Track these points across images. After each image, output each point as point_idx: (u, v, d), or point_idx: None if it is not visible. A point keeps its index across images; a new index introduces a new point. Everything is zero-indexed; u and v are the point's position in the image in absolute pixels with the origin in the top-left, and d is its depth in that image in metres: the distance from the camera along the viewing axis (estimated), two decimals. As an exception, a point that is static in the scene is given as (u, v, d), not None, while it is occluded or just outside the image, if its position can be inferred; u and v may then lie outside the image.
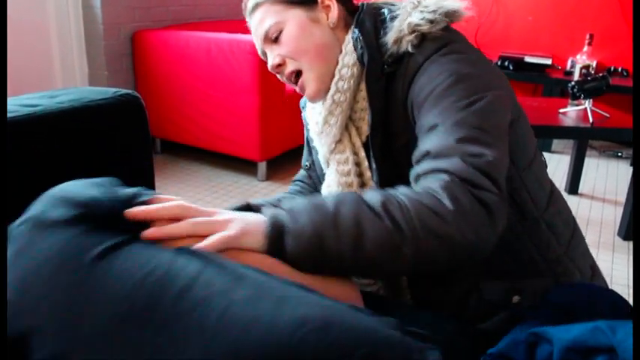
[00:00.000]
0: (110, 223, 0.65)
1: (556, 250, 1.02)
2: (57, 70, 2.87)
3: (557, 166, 3.31)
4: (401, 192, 0.76)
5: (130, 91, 1.29)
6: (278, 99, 2.85)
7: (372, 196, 0.74)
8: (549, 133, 2.33)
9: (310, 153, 1.19)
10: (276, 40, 0.99)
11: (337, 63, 0.99)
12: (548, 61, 3.65)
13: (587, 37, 2.76)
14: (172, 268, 0.60)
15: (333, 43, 0.99)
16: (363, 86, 0.98)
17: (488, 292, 0.95)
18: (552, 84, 3.55)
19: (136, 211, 0.67)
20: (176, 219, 0.69)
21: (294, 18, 0.98)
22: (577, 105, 2.40)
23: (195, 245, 0.66)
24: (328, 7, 1.00)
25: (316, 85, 0.99)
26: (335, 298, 0.64)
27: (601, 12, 3.65)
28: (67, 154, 1.12)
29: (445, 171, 0.76)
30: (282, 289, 0.62)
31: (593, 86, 2.25)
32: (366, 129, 0.99)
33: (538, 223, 0.98)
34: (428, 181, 0.77)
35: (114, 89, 1.28)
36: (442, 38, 0.91)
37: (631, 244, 2.39)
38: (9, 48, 2.61)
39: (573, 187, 2.93)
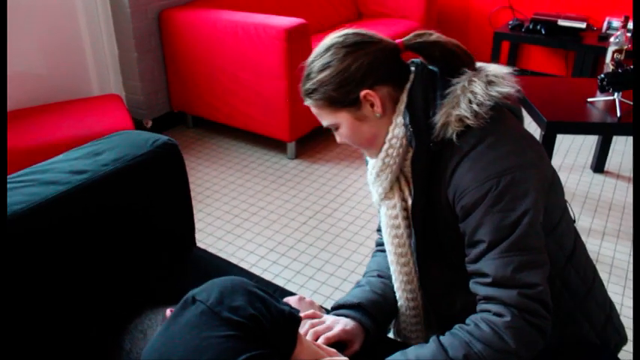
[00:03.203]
0: (262, 336, 0.85)
1: (567, 305, 1.13)
2: (88, 55, 2.93)
3: (584, 140, 3.29)
4: (475, 336, 0.95)
5: (167, 139, 1.38)
6: (305, 80, 2.88)
7: (456, 350, 0.95)
8: (573, 130, 2.32)
9: None
10: (336, 130, 1.12)
11: (387, 132, 1.07)
12: (583, 25, 3.54)
13: (622, 19, 2.67)
14: None
15: (381, 130, 1.08)
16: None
17: None
18: (585, 51, 3.46)
19: None
20: None
21: (344, 121, 1.07)
22: (607, 95, 2.37)
23: None
24: (371, 101, 1.05)
25: (374, 155, 1.13)
26: None
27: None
28: (114, 212, 1.23)
29: (506, 304, 0.94)
30: None
31: (623, 80, 2.22)
32: None
33: (552, 280, 1.08)
34: (491, 316, 0.95)
35: (153, 138, 1.37)
36: (484, 130, 0.98)
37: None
38: (40, 37, 2.68)
39: (599, 165, 2.94)
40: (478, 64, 1.06)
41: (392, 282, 1.22)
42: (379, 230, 1.35)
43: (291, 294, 1.32)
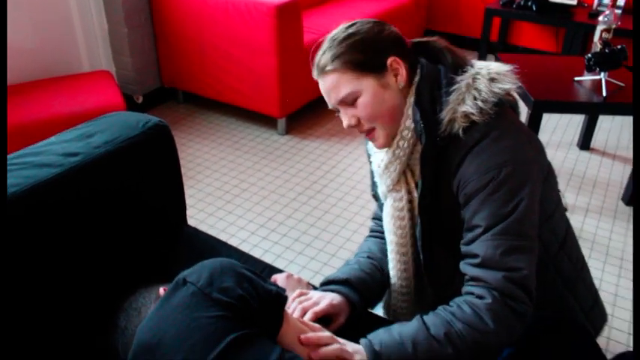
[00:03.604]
0: (250, 315, 0.89)
1: (559, 289, 1.20)
2: (78, 30, 2.91)
3: (571, 118, 3.33)
4: (457, 316, 1.00)
5: (157, 121, 1.40)
6: (296, 57, 2.89)
7: (437, 328, 1.00)
8: (559, 109, 2.36)
9: (374, 185, 1.30)
10: (351, 104, 1.09)
11: (403, 111, 1.10)
12: (574, 1, 3.55)
13: (611, -3, 2.68)
14: None
15: (402, 103, 1.10)
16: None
17: None
18: (575, 28, 3.47)
19: (311, 337, 0.99)
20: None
21: (367, 87, 1.06)
22: (593, 74, 2.40)
23: None
24: (397, 69, 1.08)
25: (386, 140, 1.13)
26: None
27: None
28: (107, 193, 1.26)
29: (490, 286, 1.00)
30: None
31: (609, 60, 2.25)
32: (419, 172, 1.14)
33: (546, 266, 1.16)
34: (473, 298, 1.01)
35: (144, 120, 1.39)
36: (488, 126, 1.02)
37: (632, 210, 2.49)
38: (29, 11, 2.66)
39: (585, 142, 2.99)
40: (480, 63, 1.11)
41: (380, 264, 1.28)
42: (374, 218, 1.40)
43: (280, 271, 1.37)
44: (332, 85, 1.08)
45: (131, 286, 1.17)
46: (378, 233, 1.35)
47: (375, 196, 1.31)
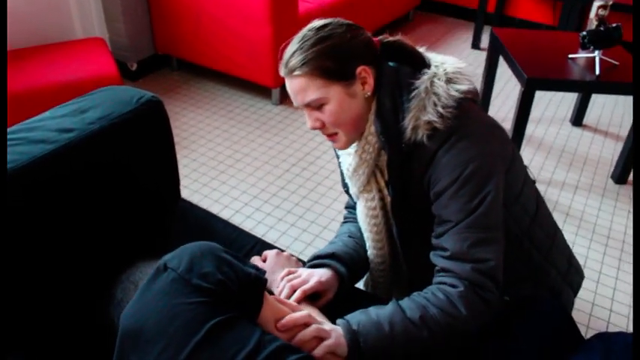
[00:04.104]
0: (230, 299, 0.91)
1: (536, 259, 1.26)
2: (71, -6, 2.87)
3: (565, 93, 3.33)
4: (431, 302, 1.04)
5: (151, 96, 1.41)
6: (291, 26, 2.85)
7: (413, 311, 1.04)
8: (552, 87, 2.36)
9: (346, 184, 1.33)
10: (317, 108, 1.10)
11: (367, 120, 1.12)
12: (573, -26, 3.51)
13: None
14: (259, 347, 0.87)
15: (367, 111, 1.12)
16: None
17: None
18: (572, 1, 3.44)
19: (287, 322, 0.99)
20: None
21: (334, 95, 1.07)
22: (588, 52, 2.40)
23: (315, 351, 1.00)
24: (365, 78, 1.09)
25: (346, 144, 1.16)
26: None
27: None
28: (101, 169, 1.27)
29: (460, 277, 1.05)
30: None
31: (604, 38, 2.26)
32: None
33: (520, 240, 1.22)
34: (446, 287, 1.05)
35: (137, 95, 1.39)
36: (451, 129, 1.05)
37: (621, 188, 2.53)
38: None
39: (578, 119, 3.00)
40: (436, 59, 1.13)
41: (361, 242, 1.32)
42: (347, 207, 1.44)
43: (271, 247, 1.40)
44: (299, 89, 1.08)
45: (124, 261, 1.20)
46: (352, 219, 1.38)
47: (348, 194, 1.34)
